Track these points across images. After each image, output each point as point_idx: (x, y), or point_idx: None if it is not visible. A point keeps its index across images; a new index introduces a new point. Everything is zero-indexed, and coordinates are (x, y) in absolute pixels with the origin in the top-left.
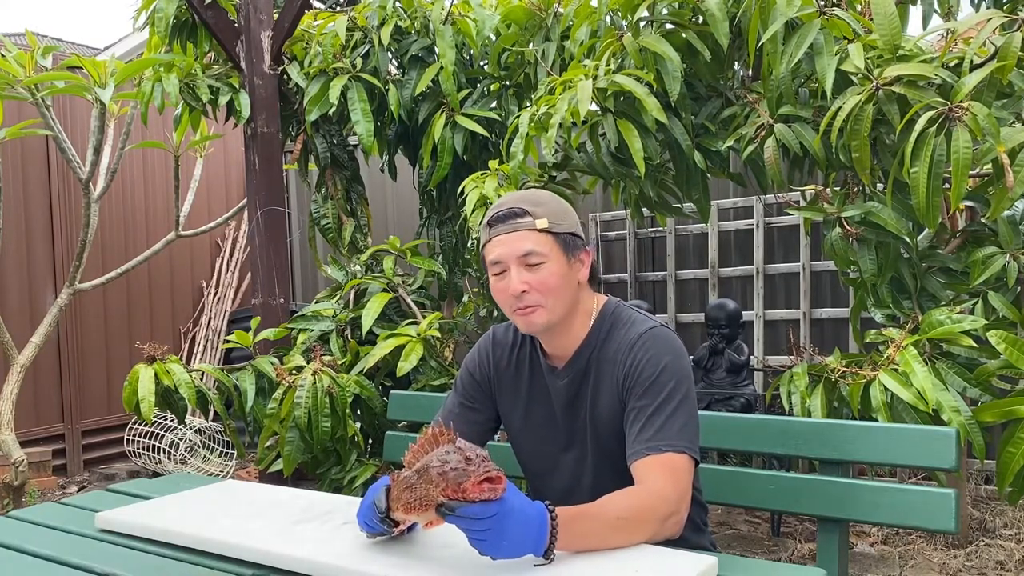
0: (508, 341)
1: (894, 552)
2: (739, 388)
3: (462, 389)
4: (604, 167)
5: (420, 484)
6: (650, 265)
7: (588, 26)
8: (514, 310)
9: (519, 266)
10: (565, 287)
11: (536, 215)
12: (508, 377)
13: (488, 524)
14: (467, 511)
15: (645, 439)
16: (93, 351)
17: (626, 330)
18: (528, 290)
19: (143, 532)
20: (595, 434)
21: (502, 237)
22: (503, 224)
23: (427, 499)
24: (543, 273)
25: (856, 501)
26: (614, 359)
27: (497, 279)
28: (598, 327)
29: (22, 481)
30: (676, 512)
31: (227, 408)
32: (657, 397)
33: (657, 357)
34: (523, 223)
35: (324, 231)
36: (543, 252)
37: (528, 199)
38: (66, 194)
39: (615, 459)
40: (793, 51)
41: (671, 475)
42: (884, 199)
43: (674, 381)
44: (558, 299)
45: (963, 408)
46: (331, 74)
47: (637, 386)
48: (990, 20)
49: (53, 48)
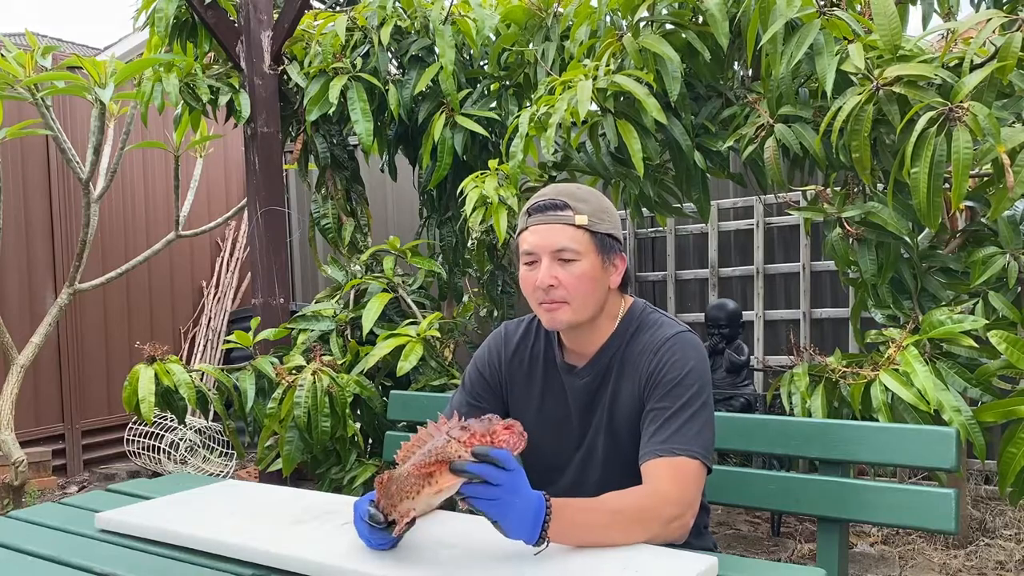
0: (521, 337)
1: (894, 552)
2: (739, 388)
3: (469, 387)
4: (604, 167)
5: (432, 448)
6: (650, 265)
7: (588, 26)
8: (540, 303)
9: (551, 259)
10: (595, 289)
11: (577, 210)
12: (521, 374)
13: (502, 490)
14: (490, 466)
15: (659, 440)
16: (93, 351)
17: (652, 332)
18: (556, 285)
19: (143, 532)
20: (610, 434)
21: (538, 227)
22: (541, 214)
23: (443, 454)
24: (575, 270)
25: (856, 501)
26: (638, 360)
27: (527, 269)
28: (624, 328)
29: (22, 481)
30: (681, 516)
31: (227, 408)
32: (677, 400)
33: (683, 361)
34: (562, 216)
35: (324, 231)
36: (578, 249)
37: (572, 193)
38: (66, 194)
39: (626, 460)
40: (793, 51)
41: (679, 479)
42: (884, 199)
43: (696, 386)
44: (586, 299)
45: (964, 408)
46: (331, 74)
47: (659, 388)
48: (990, 20)
49: (53, 48)
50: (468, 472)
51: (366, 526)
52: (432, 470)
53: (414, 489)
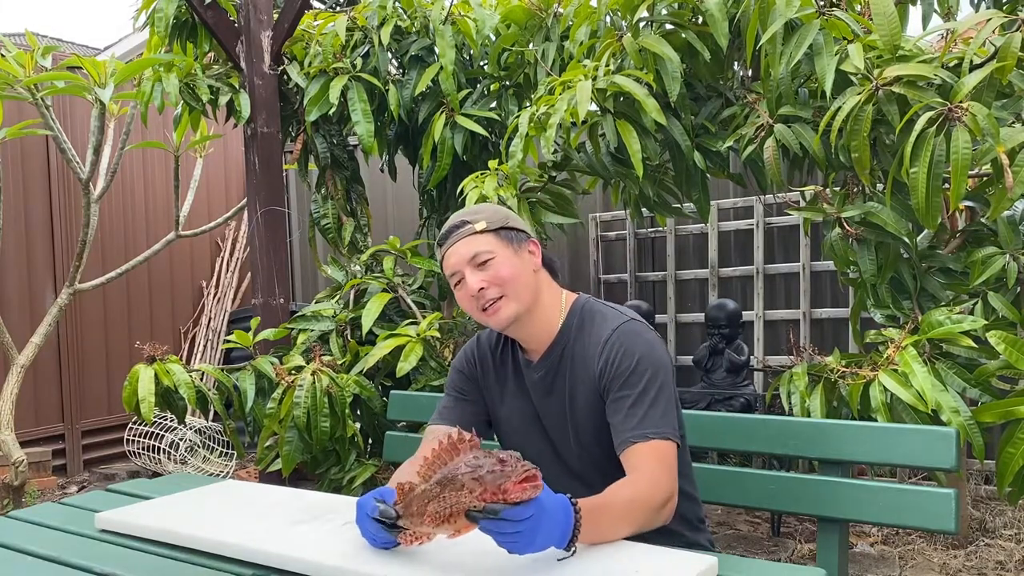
0: (493, 343)
1: (894, 552)
2: (739, 388)
3: (453, 385)
4: (604, 167)
5: (448, 493)
6: (650, 265)
7: (588, 26)
8: (480, 310)
9: (472, 268)
10: (520, 275)
11: (474, 221)
12: (492, 378)
13: (523, 526)
14: (508, 514)
15: (630, 427)
16: (93, 351)
17: (598, 325)
18: (486, 286)
19: (143, 532)
20: (574, 427)
21: (450, 250)
22: (448, 239)
23: (459, 506)
24: (494, 267)
25: (856, 501)
26: (588, 354)
27: (458, 289)
28: (569, 322)
29: (22, 481)
30: (671, 498)
31: (227, 408)
32: (636, 387)
33: (631, 350)
34: (464, 231)
35: (324, 231)
36: (488, 250)
37: (465, 212)
38: (66, 194)
39: (593, 451)
40: (793, 51)
41: (662, 462)
42: (884, 199)
43: (650, 371)
44: (516, 287)
45: (963, 408)
46: (331, 74)
47: (615, 380)
48: (990, 20)
49: (53, 48)
50: (478, 526)
51: (372, 523)
52: (445, 519)
53: (433, 522)
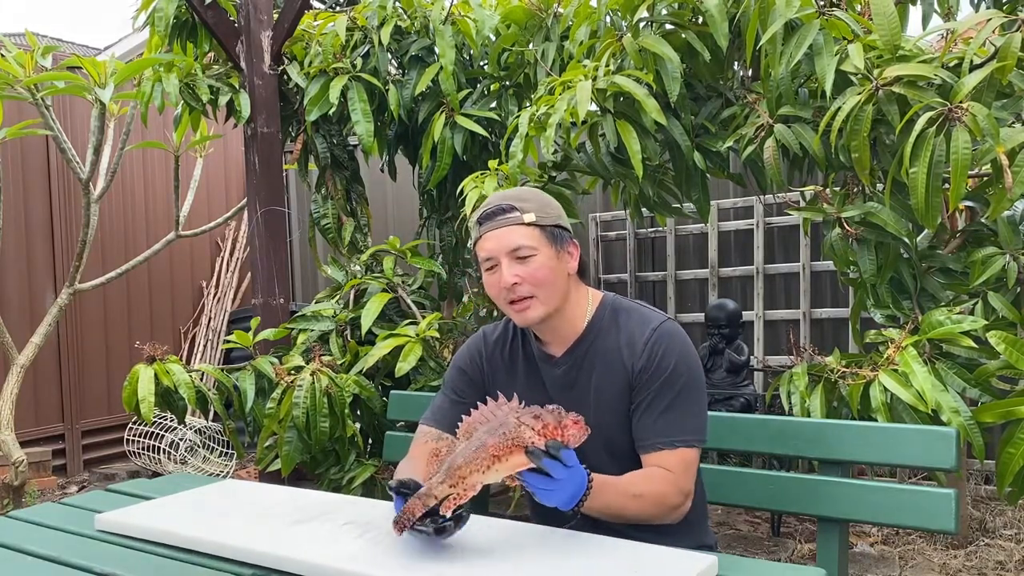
0: (499, 336)
1: (894, 552)
2: (739, 388)
3: (451, 385)
4: (603, 167)
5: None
6: (650, 265)
7: (588, 26)
8: (508, 302)
9: (510, 260)
10: (555, 278)
11: (523, 210)
12: (502, 370)
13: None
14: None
15: (659, 431)
16: (93, 351)
17: (630, 319)
18: (520, 282)
19: (143, 532)
20: (597, 421)
21: (491, 233)
22: (492, 220)
23: (519, 440)
24: (533, 265)
25: (856, 501)
26: (622, 349)
27: (489, 274)
28: (599, 317)
29: (22, 481)
30: (684, 503)
31: (227, 408)
32: (671, 392)
33: (670, 353)
34: (511, 218)
35: (324, 231)
36: (532, 245)
37: (514, 196)
38: (66, 194)
39: (613, 446)
40: (793, 51)
41: (687, 470)
42: (884, 199)
43: (686, 376)
44: (550, 290)
45: (963, 408)
46: (331, 74)
47: (651, 380)
48: (990, 20)
49: (53, 48)
50: (539, 462)
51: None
52: (504, 452)
53: (484, 464)
